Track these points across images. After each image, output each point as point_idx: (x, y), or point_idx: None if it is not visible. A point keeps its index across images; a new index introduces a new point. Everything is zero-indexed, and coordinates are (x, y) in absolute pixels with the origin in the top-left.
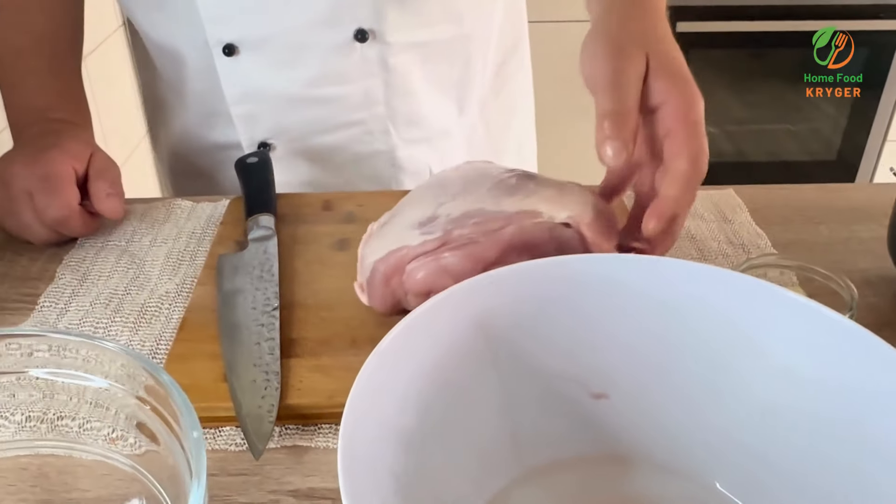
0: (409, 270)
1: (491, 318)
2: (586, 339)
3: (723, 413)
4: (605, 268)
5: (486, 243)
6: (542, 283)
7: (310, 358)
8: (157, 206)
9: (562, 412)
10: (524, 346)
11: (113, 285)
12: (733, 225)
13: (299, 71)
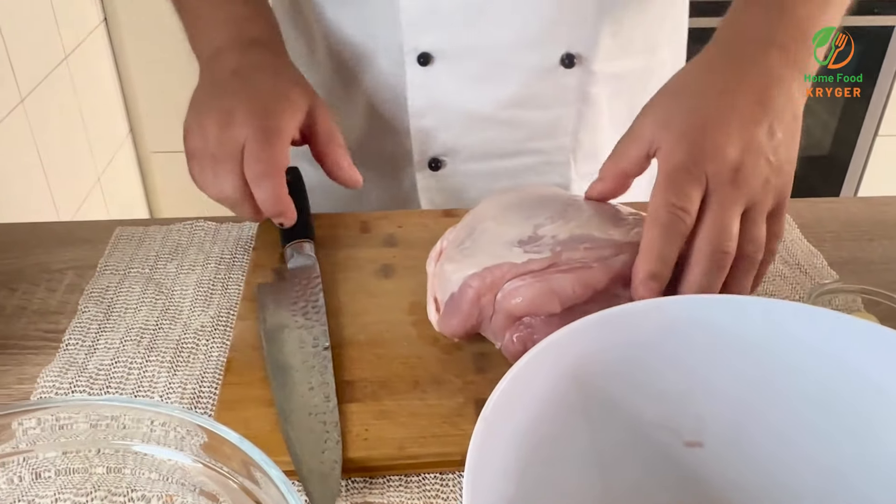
0: (510, 289)
1: (584, 366)
2: (679, 385)
3: (836, 458)
4: (700, 310)
5: (597, 270)
6: (636, 327)
7: (371, 403)
8: (177, 228)
9: (654, 462)
10: (616, 394)
11: (142, 319)
12: (785, 243)
13: (494, 89)
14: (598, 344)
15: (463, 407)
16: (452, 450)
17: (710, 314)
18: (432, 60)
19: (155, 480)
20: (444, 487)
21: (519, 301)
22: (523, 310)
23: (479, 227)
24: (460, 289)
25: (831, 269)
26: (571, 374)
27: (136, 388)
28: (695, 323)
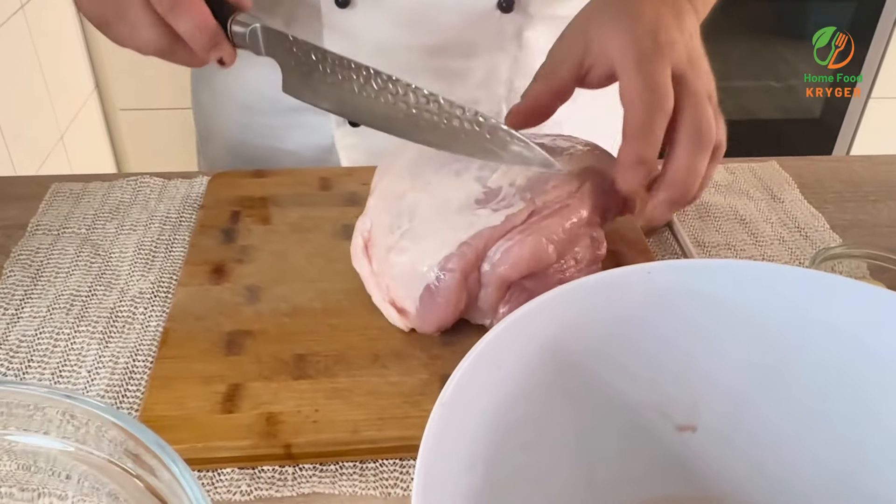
0: (498, 255)
1: (563, 342)
2: (671, 362)
3: (839, 447)
4: (694, 278)
5: (577, 203)
6: (622, 298)
7: (324, 380)
8: (120, 185)
9: (643, 448)
10: (600, 373)
11: (74, 284)
12: (784, 204)
13: (422, 36)
14: (578, 316)
15: (427, 385)
16: (414, 433)
17: (705, 283)
18: (352, 1)
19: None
20: (405, 475)
21: (513, 264)
22: (520, 271)
23: (406, 203)
24: (438, 277)
25: (834, 233)
26: (549, 350)
27: (61, 363)
28: (688, 293)
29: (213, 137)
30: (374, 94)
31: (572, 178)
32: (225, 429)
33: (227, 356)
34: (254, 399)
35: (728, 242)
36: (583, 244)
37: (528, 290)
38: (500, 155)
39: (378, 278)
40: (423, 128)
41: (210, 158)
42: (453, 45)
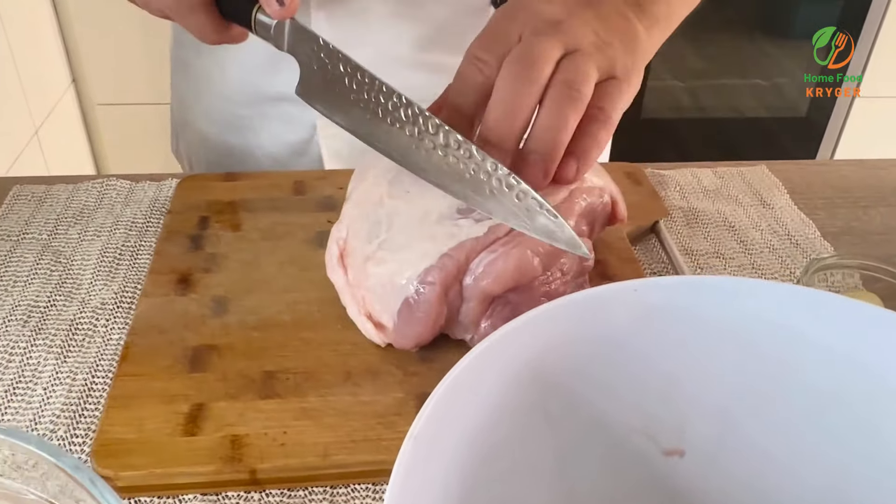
0: (481, 268)
1: (545, 363)
2: (657, 384)
3: (828, 464)
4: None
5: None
6: (606, 316)
7: (293, 399)
8: (85, 188)
9: (627, 473)
10: (583, 394)
11: (33, 294)
12: (774, 210)
13: (415, 28)
14: (562, 336)
15: (402, 404)
16: (387, 457)
17: (693, 300)
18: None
19: None
20: (377, 501)
21: (497, 277)
22: (504, 285)
23: (384, 211)
24: (417, 290)
25: (825, 241)
26: (530, 372)
27: (15, 379)
28: (676, 311)
29: (188, 128)
30: (400, 124)
31: (559, 188)
32: (186, 453)
33: (190, 373)
34: (218, 420)
35: (717, 251)
36: (569, 255)
37: (511, 303)
38: (526, 224)
39: (354, 290)
40: (446, 172)
41: (185, 151)
42: (444, 39)
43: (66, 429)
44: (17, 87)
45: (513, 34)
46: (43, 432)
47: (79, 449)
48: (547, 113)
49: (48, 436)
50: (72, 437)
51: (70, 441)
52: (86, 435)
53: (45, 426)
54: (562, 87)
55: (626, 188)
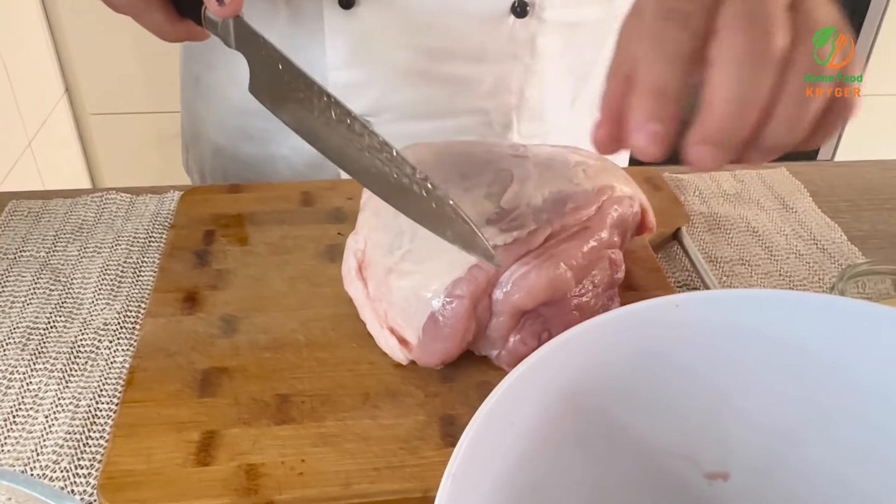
0: (513, 280)
1: (582, 386)
2: (698, 403)
3: (890, 480)
4: (725, 309)
5: (595, 225)
6: (644, 333)
7: (310, 424)
8: (84, 202)
9: (669, 498)
10: (620, 416)
11: (32, 315)
12: (797, 214)
13: (431, 39)
14: (599, 356)
15: (425, 427)
16: (412, 485)
17: (737, 314)
18: (357, 2)
19: None
20: None
21: (529, 291)
22: (536, 300)
23: (406, 221)
24: (445, 304)
25: (852, 245)
26: (566, 396)
27: (15, 406)
28: (718, 326)
29: (200, 141)
30: (332, 124)
31: (590, 196)
32: (199, 485)
33: (200, 398)
34: (231, 448)
35: (742, 258)
36: (601, 266)
37: (543, 316)
38: (444, 231)
39: (375, 304)
40: (373, 175)
41: (197, 164)
42: (462, 51)
43: (70, 460)
44: (9, 98)
45: None
46: (46, 464)
47: (83, 482)
48: (790, 103)
49: (51, 467)
50: (76, 468)
51: (74, 473)
52: (91, 466)
53: (48, 457)
54: (807, 64)
55: (647, 194)
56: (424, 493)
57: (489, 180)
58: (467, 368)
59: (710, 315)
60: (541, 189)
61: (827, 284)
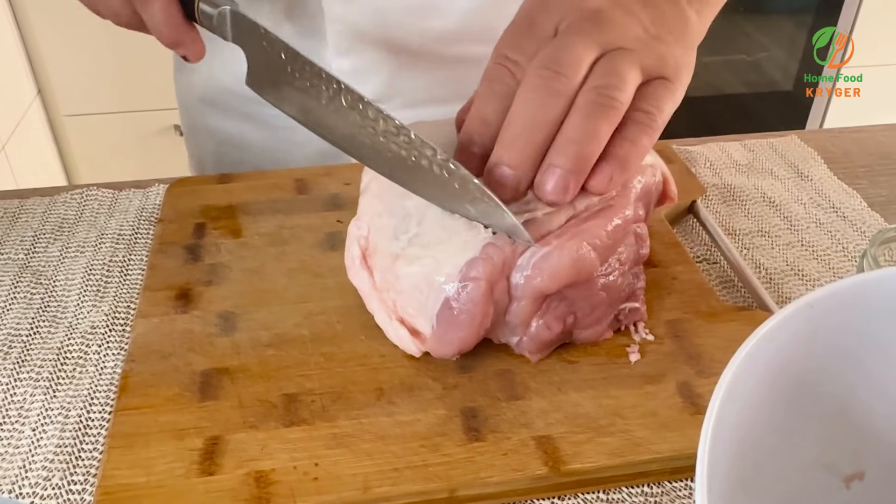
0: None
1: (796, 362)
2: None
3: None
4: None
5: (620, 202)
6: (857, 307)
7: (322, 424)
8: (63, 200)
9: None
10: (837, 393)
11: (12, 322)
12: (813, 182)
13: (436, 21)
14: (810, 334)
15: (446, 422)
16: (437, 485)
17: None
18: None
19: None
20: None
21: (552, 274)
22: (560, 283)
23: (412, 203)
24: (459, 288)
25: (873, 211)
26: (786, 375)
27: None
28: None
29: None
30: (342, 111)
31: None
32: (205, 496)
33: (201, 402)
34: (238, 455)
35: (761, 228)
36: (627, 243)
37: (568, 298)
38: (467, 209)
39: (382, 294)
40: (389, 159)
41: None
42: (469, 31)
43: (62, 475)
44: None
45: (546, 27)
46: (36, 481)
47: (78, 498)
48: (573, 123)
49: (41, 484)
50: (69, 484)
51: (68, 490)
52: (85, 482)
53: (37, 473)
54: (592, 94)
55: None
56: (451, 494)
57: None
58: (486, 357)
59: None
60: None
61: (851, 253)
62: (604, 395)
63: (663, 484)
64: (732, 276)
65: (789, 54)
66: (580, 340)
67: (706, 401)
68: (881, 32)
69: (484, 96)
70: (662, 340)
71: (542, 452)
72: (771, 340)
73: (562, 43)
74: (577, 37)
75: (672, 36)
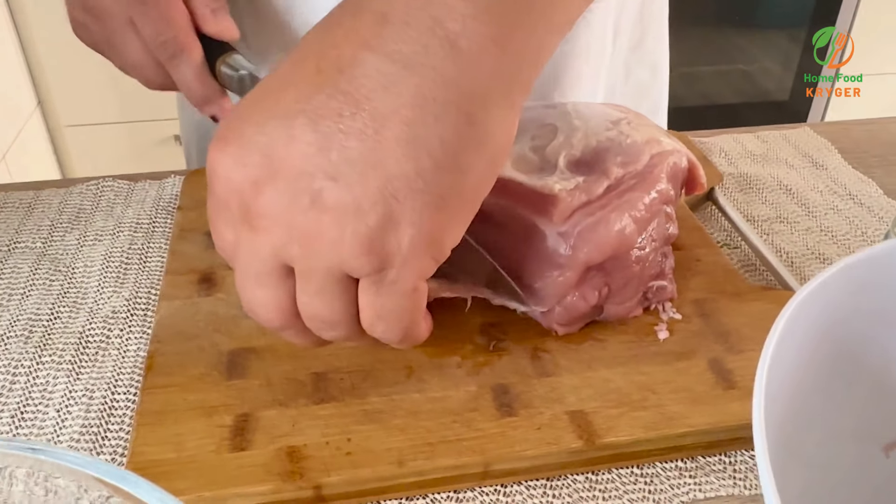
0: (580, 232)
1: (837, 322)
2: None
3: None
4: None
5: (655, 174)
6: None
7: (352, 401)
8: (79, 191)
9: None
10: (875, 355)
11: (32, 307)
12: (828, 171)
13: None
14: (850, 297)
15: (477, 398)
16: (471, 459)
17: None
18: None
19: None
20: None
21: (598, 245)
22: (604, 254)
23: None
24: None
25: (889, 199)
26: (829, 339)
27: (22, 402)
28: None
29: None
30: None
31: (640, 147)
32: (237, 471)
33: (229, 381)
34: (269, 431)
35: (779, 215)
36: (658, 221)
37: (605, 270)
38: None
39: None
40: None
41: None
42: None
43: (89, 454)
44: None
45: (220, 203)
46: None
47: None
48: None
49: None
50: None
51: None
52: (112, 460)
53: None
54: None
55: None
56: (485, 468)
57: (532, 134)
58: (514, 335)
59: None
60: (587, 140)
61: (871, 238)
62: (634, 372)
63: (697, 459)
64: (754, 260)
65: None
66: (609, 317)
67: (738, 376)
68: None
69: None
70: (690, 319)
71: (576, 426)
72: (813, 303)
73: (238, 274)
74: (247, 268)
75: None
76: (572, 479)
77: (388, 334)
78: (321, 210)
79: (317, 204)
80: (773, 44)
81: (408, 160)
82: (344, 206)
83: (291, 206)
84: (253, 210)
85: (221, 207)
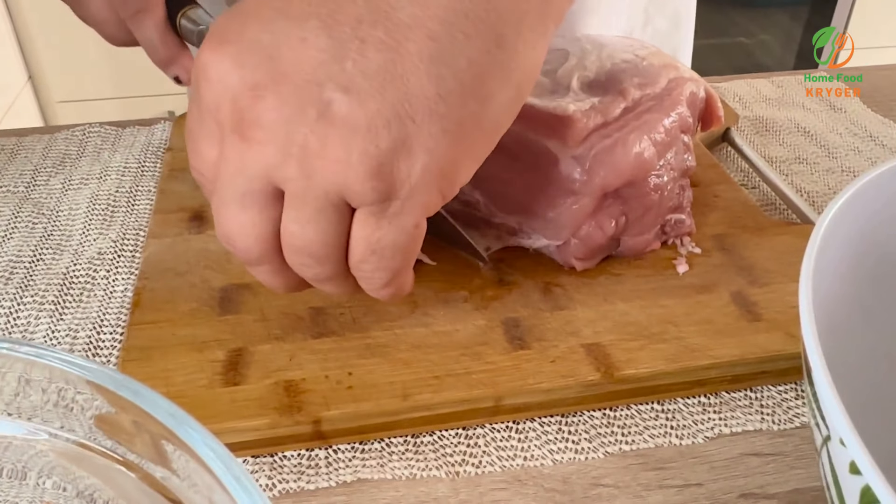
0: (596, 154)
1: (874, 231)
2: None
3: None
4: None
5: (674, 97)
6: None
7: (353, 335)
8: (63, 136)
9: None
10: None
11: (13, 249)
12: (847, 114)
13: None
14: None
15: (487, 331)
16: (482, 392)
17: None
18: None
19: None
20: (473, 448)
21: (616, 169)
22: (622, 178)
23: None
24: None
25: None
26: (871, 254)
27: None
28: None
29: None
30: None
31: (658, 70)
32: (231, 405)
33: (221, 316)
34: (264, 365)
35: (798, 156)
36: (676, 149)
37: (622, 197)
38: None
39: None
40: None
41: None
42: None
43: (73, 395)
44: None
45: (204, 116)
46: None
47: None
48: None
49: None
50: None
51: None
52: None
53: None
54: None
55: None
56: (497, 402)
57: (554, 56)
58: (524, 270)
59: None
60: (602, 63)
61: None
62: (653, 305)
63: (721, 394)
64: (773, 199)
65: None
66: (626, 251)
67: (763, 308)
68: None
69: None
70: (710, 253)
71: (593, 359)
72: (850, 211)
73: (216, 204)
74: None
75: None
76: (589, 416)
77: (376, 274)
78: (328, 124)
79: (324, 117)
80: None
81: (430, 79)
82: (354, 122)
83: (294, 117)
84: (247, 119)
85: (207, 118)
